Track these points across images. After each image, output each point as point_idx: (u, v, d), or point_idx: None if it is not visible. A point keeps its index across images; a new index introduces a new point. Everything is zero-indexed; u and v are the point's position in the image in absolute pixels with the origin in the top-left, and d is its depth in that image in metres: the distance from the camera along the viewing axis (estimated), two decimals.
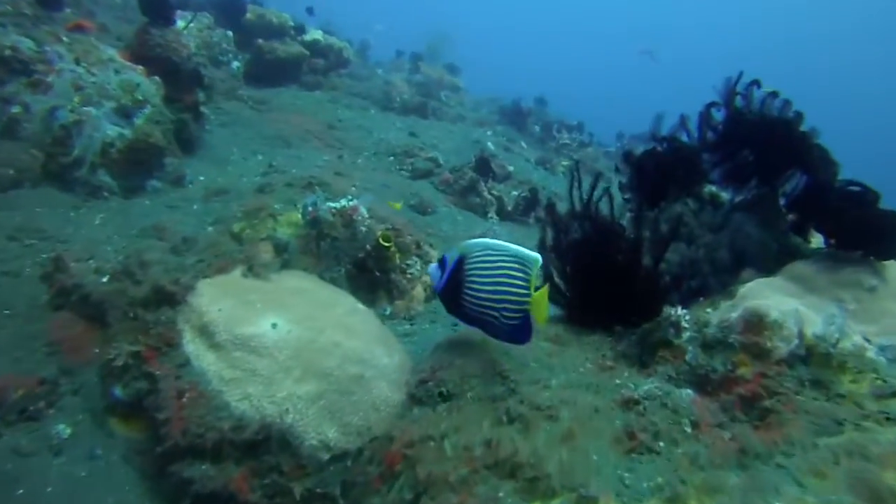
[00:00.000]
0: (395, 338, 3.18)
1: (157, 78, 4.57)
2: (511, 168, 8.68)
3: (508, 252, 1.89)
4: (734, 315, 2.04)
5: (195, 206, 4.29)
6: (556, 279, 2.72)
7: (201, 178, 5.02)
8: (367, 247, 4.08)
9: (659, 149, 2.88)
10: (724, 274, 2.48)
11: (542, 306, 1.97)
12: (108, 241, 3.35)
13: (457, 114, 12.07)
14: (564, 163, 11.36)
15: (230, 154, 5.80)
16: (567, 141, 12.97)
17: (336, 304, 2.94)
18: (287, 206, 4.15)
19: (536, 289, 1.94)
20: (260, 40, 9.16)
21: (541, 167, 10.45)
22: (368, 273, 4.19)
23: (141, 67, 4.59)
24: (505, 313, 1.91)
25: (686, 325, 2.13)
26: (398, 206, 4.42)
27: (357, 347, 2.75)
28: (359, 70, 12.05)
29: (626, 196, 2.99)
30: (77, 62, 4.15)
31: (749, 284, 2.17)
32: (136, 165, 4.31)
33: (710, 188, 2.88)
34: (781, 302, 2.00)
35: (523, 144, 12.00)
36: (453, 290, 1.94)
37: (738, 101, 2.40)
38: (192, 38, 5.25)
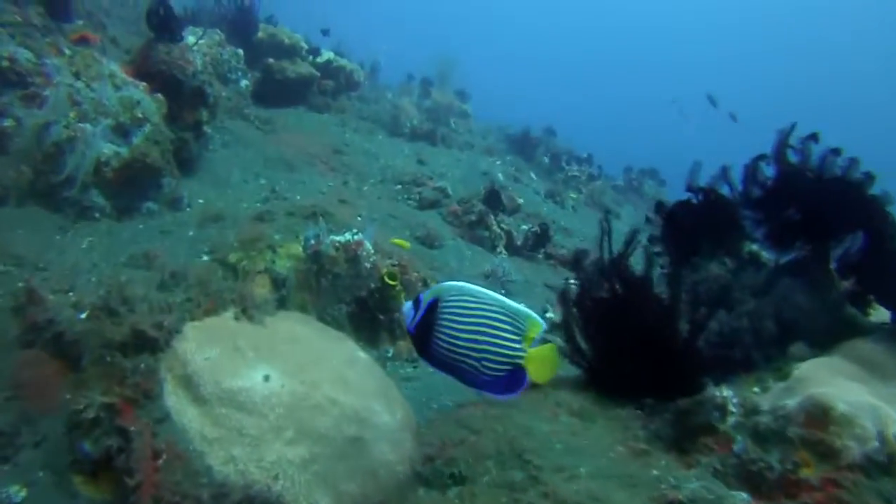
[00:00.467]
0: (396, 389, 2.91)
1: (159, 95, 4.36)
2: (520, 200, 8.47)
3: (494, 302, 1.73)
4: (791, 403, 1.78)
5: (190, 232, 4.05)
6: (579, 339, 2.47)
7: (200, 200, 4.79)
8: (371, 285, 3.84)
9: (694, 200, 2.63)
10: (770, 346, 2.22)
11: (546, 365, 1.73)
12: (93, 269, 3.10)
13: (465, 141, 11.90)
14: (573, 195, 11.17)
15: (231, 176, 5.58)
16: (576, 173, 12.79)
17: (334, 352, 2.68)
18: (287, 237, 3.91)
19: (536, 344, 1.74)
20: (270, 59, 9.01)
21: (550, 200, 10.25)
22: (371, 312, 3.94)
23: (143, 84, 4.39)
24: (486, 363, 1.72)
25: (733, 409, 1.87)
26: (406, 244, 4.18)
27: (355, 404, 2.48)
28: (368, 92, 11.92)
29: (657, 249, 2.74)
30: (76, 76, 3.95)
31: (805, 366, 1.91)
32: (131, 186, 4.08)
33: (751, 246, 2.63)
34: (847, 390, 1.74)
35: (532, 175, 11.81)
36: (424, 333, 1.79)
37: (792, 155, 2.18)
38: (199, 55, 5.06)
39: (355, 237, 3.75)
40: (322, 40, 10.54)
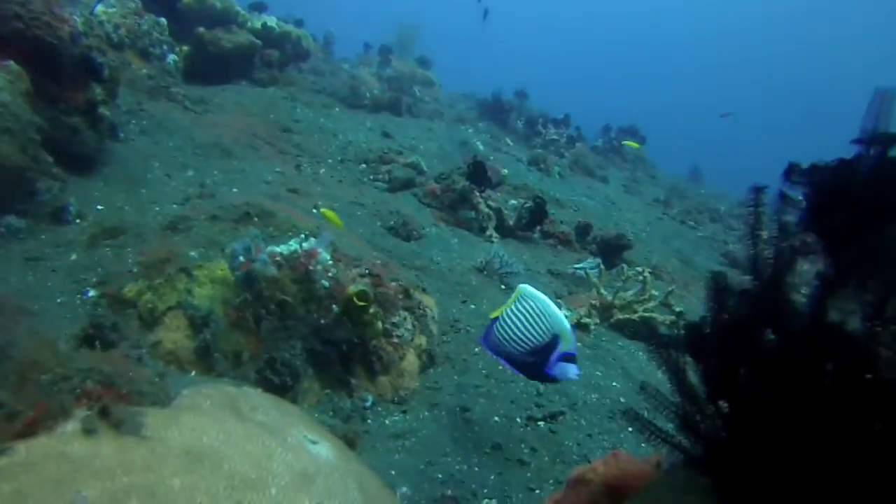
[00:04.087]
0: (389, 495, 1.82)
1: (12, 64, 3.10)
2: (505, 171, 7.37)
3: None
4: None
5: (73, 256, 2.86)
6: (696, 416, 1.41)
7: (99, 206, 3.58)
8: (335, 309, 2.72)
9: (866, 159, 1.49)
10: None
11: None
12: None
13: (433, 110, 10.74)
14: (556, 160, 10.10)
15: (149, 170, 4.36)
16: (554, 136, 11.82)
17: (274, 464, 1.56)
18: (209, 253, 2.76)
19: None
20: (201, 29, 7.66)
21: (534, 168, 9.16)
22: (337, 346, 2.82)
23: None
24: None
25: None
26: (338, 221, 3.07)
27: None
28: (323, 66, 10.64)
29: (804, 241, 1.58)
30: None
31: None
32: None
33: None
34: None
35: (509, 142, 10.79)
36: None
37: None
38: (79, 17, 3.79)
39: (304, 245, 2.61)
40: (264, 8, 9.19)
